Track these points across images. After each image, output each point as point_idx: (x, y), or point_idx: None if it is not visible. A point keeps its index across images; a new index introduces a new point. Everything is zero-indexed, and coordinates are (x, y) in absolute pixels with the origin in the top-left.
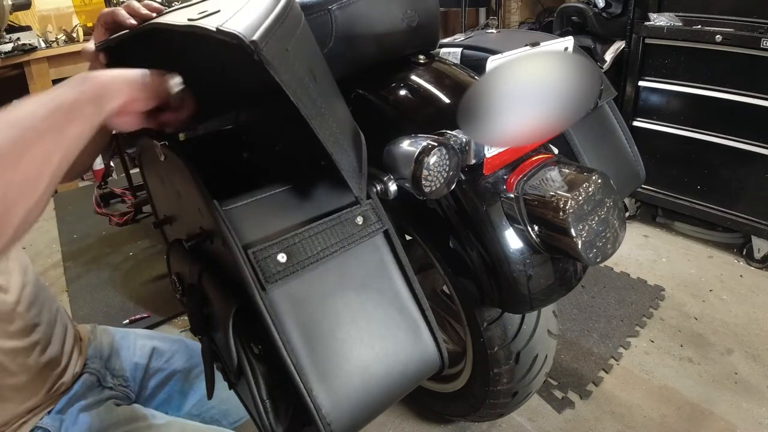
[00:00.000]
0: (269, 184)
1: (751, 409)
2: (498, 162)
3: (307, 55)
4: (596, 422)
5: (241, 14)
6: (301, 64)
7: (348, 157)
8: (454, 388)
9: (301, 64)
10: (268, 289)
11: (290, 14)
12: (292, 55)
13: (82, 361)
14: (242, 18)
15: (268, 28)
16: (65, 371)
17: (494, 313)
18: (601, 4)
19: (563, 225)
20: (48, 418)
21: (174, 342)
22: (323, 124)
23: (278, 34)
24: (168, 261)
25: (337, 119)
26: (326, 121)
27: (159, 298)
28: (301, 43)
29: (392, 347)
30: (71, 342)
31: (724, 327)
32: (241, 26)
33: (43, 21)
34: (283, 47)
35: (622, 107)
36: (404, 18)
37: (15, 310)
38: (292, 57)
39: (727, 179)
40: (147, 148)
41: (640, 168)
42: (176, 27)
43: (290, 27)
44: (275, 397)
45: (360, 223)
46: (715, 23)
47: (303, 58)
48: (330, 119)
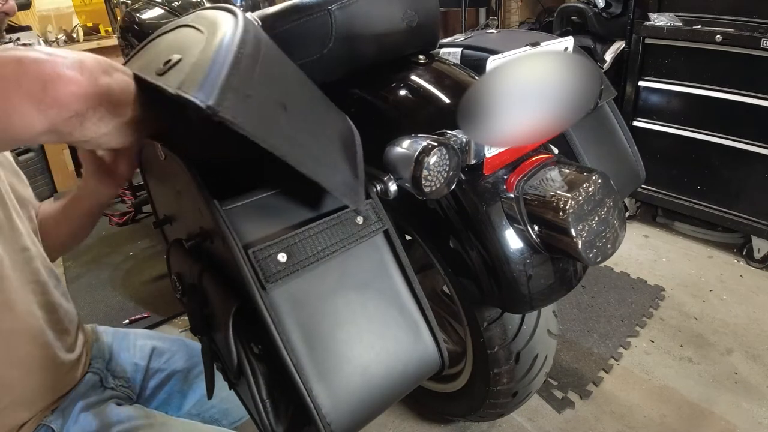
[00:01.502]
0: (269, 184)
1: (751, 409)
2: (498, 162)
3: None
4: (596, 422)
5: (199, 65)
6: (268, 102)
7: (339, 173)
8: (454, 388)
9: (268, 102)
10: (268, 289)
11: (246, 49)
12: (255, 99)
13: (88, 361)
14: (200, 72)
15: (224, 83)
16: (76, 372)
17: (494, 313)
18: (601, 4)
19: (563, 225)
20: (52, 416)
21: (174, 342)
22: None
23: (236, 83)
24: (168, 261)
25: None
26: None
27: (159, 298)
28: (266, 74)
29: (392, 347)
30: (82, 342)
31: (724, 327)
32: (199, 88)
33: (43, 21)
34: (243, 95)
35: (622, 107)
36: (404, 18)
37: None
38: (256, 100)
39: (727, 179)
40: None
41: (640, 168)
42: (147, 81)
43: (249, 65)
44: (275, 396)
45: (360, 222)
46: (715, 23)
47: (270, 91)
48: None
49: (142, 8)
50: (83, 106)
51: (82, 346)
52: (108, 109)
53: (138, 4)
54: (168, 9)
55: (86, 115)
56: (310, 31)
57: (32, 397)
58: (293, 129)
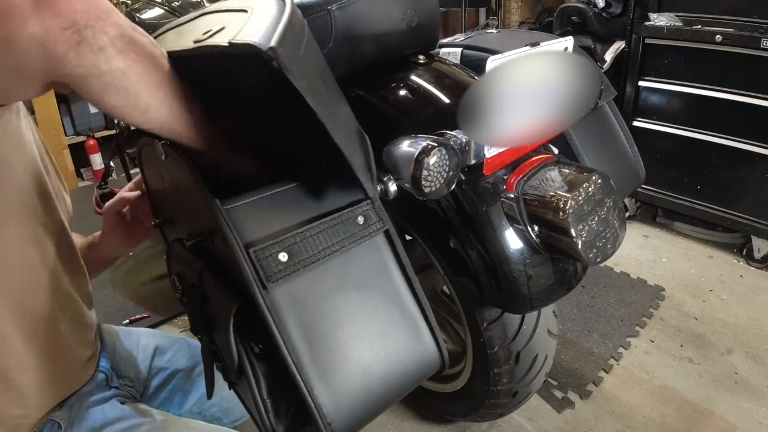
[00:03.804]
0: (270, 183)
1: (751, 409)
2: (498, 162)
3: (315, 59)
4: (596, 422)
5: (249, 26)
6: (312, 69)
7: (359, 156)
8: (454, 388)
9: (312, 69)
10: (269, 288)
11: (296, 20)
12: (304, 60)
13: (97, 359)
14: (252, 29)
15: (281, 34)
16: (90, 368)
17: (494, 313)
18: (601, 4)
19: (563, 225)
20: (60, 411)
21: (176, 341)
22: (337, 126)
23: (290, 41)
24: (168, 260)
25: (345, 121)
26: (338, 122)
27: (159, 298)
28: (309, 48)
29: (393, 347)
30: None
31: (724, 327)
32: (255, 36)
33: None
34: (296, 53)
35: (622, 107)
36: (404, 18)
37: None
38: (305, 62)
39: (727, 179)
40: (147, 147)
41: (640, 168)
42: (187, 52)
43: (299, 32)
44: (276, 396)
45: (361, 222)
46: (715, 23)
47: (313, 63)
48: (340, 120)
49: (142, 8)
50: (82, 18)
51: (95, 343)
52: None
53: (138, 4)
54: (168, 9)
55: (84, 34)
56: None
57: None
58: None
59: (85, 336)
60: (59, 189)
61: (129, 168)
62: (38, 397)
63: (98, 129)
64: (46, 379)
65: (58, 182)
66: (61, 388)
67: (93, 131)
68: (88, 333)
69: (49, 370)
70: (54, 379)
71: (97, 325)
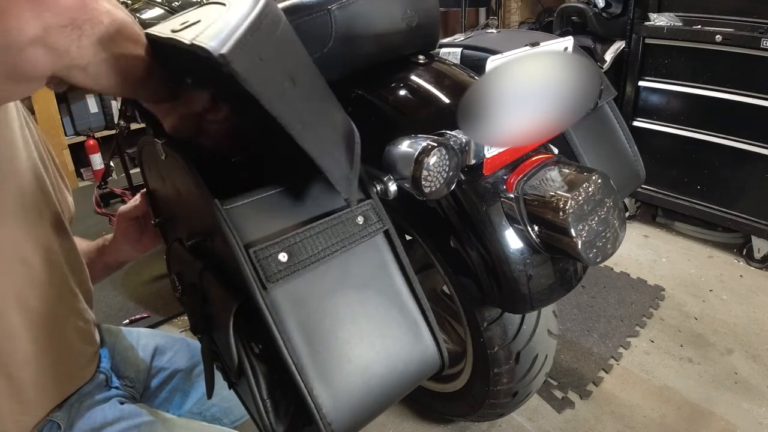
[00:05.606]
0: (270, 184)
1: (751, 409)
2: (498, 162)
3: (287, 59)
4: (596, 422)
5: (216, 24)
6: (278, 70)
7: (336, 161)
8: (454, 388)
9: (278, 70)
10: (269, 289)
11: (266, 19)
12: (267, 63)
13: (97, 357)
14: (216, 29)
15: (240, 37)
16: (91, 367)
17: (494, 313)
18: (601, 4)
19: (563, 225)
20: (60, 411)
21: (176, 341)
22: (305, 130)
23: (252, 42)
24: (168, 260)
25: (324, 122)
26: (309, 126)
27: (159, 298)
28: (280, 47)
29: (393, 347)
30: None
31: (724, 327)
32: (213, 40)
33: None
34: (256, 56)
35: (622, 107)
36: (404, 18)
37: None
38: (267, 65)
39: (727, 179)
40: (147, 146)
41: (640, 168)
42: (159, 38)
43: (266, 33)
44: (276, 396)
45: (361, 222)
46: (715, 23)
47: (282, 63)
48: (315, 124)
49: (142, 8)
50: (81, 15)
51: (96, 341)
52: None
53: (138, 4)
54: (168, 9)
55: (83, 29)
56: (309, 30)
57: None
58: (298, 102)
59: (87, 332)
60: (59, 186)
61: (129, 168)
62: (39, 396)
63: (98, 129)
64: (48, 376)
65: (58, 179)
66: (62, 386)
67: (93, 131)
68: (89, 329)
69: (52, 367)
70: (56, 376)
71: (97, 324)
